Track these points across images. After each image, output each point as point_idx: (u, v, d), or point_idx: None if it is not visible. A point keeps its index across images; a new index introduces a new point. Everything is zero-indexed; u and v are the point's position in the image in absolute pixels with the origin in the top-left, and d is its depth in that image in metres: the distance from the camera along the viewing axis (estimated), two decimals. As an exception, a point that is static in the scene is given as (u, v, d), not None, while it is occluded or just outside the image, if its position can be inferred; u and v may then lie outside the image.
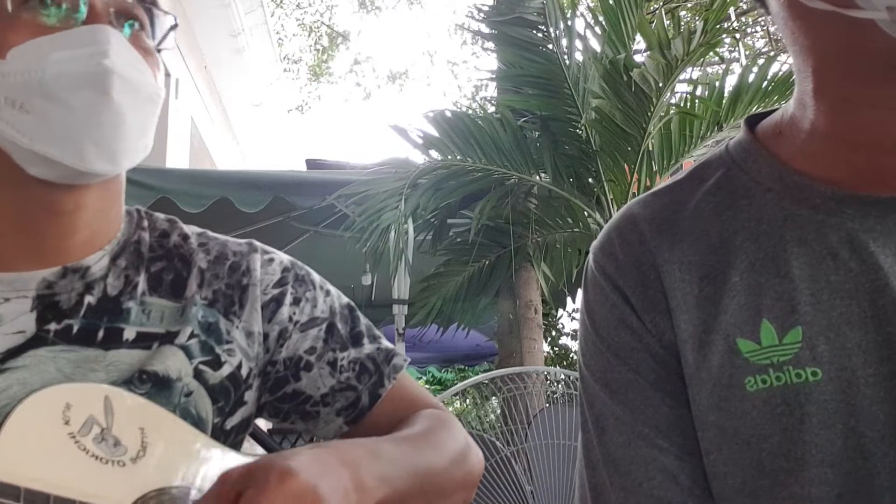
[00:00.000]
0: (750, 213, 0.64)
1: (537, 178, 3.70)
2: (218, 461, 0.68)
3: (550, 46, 3.56)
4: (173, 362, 0.71)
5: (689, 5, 8.01)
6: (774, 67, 3.48)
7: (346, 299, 0.86)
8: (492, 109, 4.82)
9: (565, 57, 3.58)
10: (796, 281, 0.59)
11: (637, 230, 0.67)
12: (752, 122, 0.69)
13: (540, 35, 3.56)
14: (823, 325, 0.58)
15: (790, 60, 0.64)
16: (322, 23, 14.59)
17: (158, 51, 0.75)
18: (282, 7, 13.71)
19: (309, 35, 14.55)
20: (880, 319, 0.57)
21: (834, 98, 0.60)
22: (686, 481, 0.61)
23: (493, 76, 4.36)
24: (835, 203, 0.60)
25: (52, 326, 0.69)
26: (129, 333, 0.71)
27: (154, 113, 0.71)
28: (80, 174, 0.67)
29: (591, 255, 0.70)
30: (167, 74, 5.22)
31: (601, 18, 3.56)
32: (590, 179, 3.71)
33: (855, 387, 0.56)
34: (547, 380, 3.61)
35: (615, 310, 0.66)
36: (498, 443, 2.70)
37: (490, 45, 3.96)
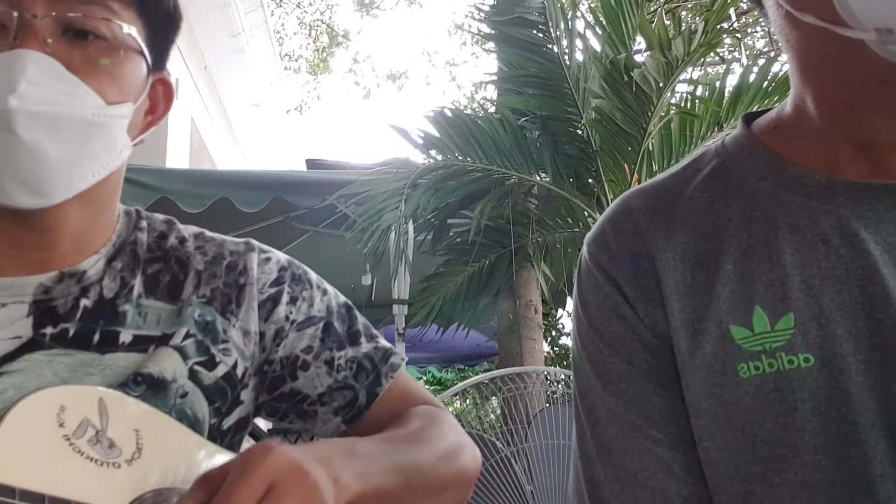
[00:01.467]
0: (743, 201, 0.64)
1: (537, 178, 3.70)
2: (214, 462, 0.68)
3: (551, 46, 3.56)
4: (168, 364, 0.70)
5: (690, 5, 8.01)
6: (775, 67, 3.48)
7: (343, 298, 0.85)
8: (492, 109, 4.82)
9: (566, 57, 3.58)
10: (788, 267, 0.60)
11: (631, 220, 0.67)
12: (750, 119, 0.70)
13: (541, 35, 3.56)
14: (815, 312, 0.58)
15: (790, 60, 0.65)
16: (322, 22, 14.60)
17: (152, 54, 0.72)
18: (282, 7, 13.72)
19: (309, 34, 14.56)
20: (871, 306, 0.57)
21: (828, 101, 0.61)
22: (680, 471, 0.61)
23: (494, 77, 4.36)
24: (827, 190, 0.61)
25: (49, 330, 0.68)
26: (126, 337, 0.71)
27: (97, 134, 0.67)
28: (15, 207, 0.65)
29: (584, 247, 0.71)
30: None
31: (602, 18, 3.55)
32: (590, 179, 3.72)
33: (846, 373, 0.56)
34: (547, 380, 3.61)
35: (608, 300, 0.66)
36: (498, 443, 2.71)
37: (490, 45, 3.96)
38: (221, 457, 0.69)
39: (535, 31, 3.57)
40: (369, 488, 0.63)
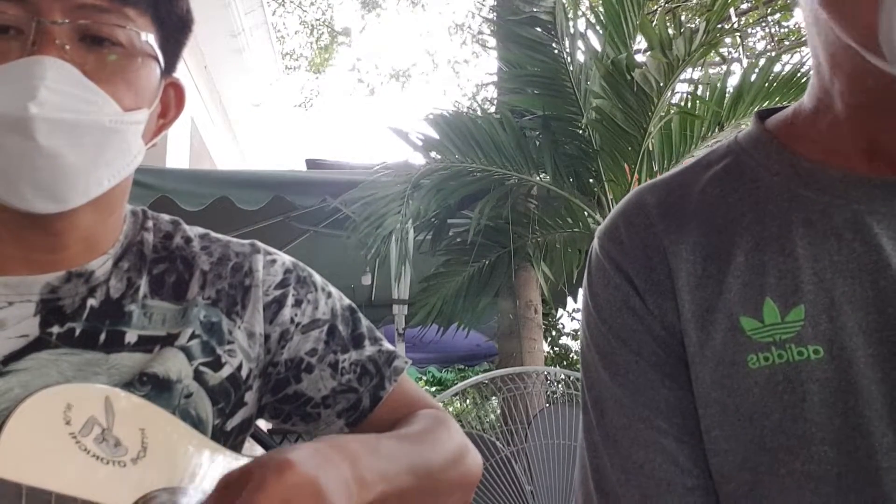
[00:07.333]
0: (757, 195, 0.64)
1: (537, 178, 3.70)
2: (218, 462, 0.68)
3: (556, 46, 3.56)
4: (173, 364, 0.71)
5: (691, 5, 8.00)
6: (776, 67, 3.48)
7: (347, 301, 0.85)
8: (492, 109, 4.82)
9: (568, 56, 3.58)
10: (800, 260, 0.60)
11: (644, 213, 0.68)
12: (764, 116, 0.70)
13: (547, 34, 3.56)
14: (826, 304, 0.58)
15: (792, 60, 0.65)
16: (322, 22, 14.59)
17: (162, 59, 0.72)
18: (283, 6, 13.72)
19: (311, 33, 14.56)
20: (881, 300, 0.57)
21: (839, 99, 0.61)
22: (686, 463, 0.61)
23: (497, 76, 4.36)
24: (842, 185, 0.61)
25: (55, 330, 0.69)
26: (131, 337, 0.71)
27: (113, 140, 0.67)
28: (31, 211, 0.65)
29: (595, 240, 0.71)
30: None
31: (603, 18, 3.56)
32: (590, 179, 3.72)
33: (855, 366, 0.56)
34: (547, 380, 3.62)
35: (618, 292, 0.66)
36: (498, 443, 2.71)
37: (491, 45, 3.95)
38: (225, 457, 0.70)
39: (542, 31, 3.57)
40: (392, 489, 0.64)
